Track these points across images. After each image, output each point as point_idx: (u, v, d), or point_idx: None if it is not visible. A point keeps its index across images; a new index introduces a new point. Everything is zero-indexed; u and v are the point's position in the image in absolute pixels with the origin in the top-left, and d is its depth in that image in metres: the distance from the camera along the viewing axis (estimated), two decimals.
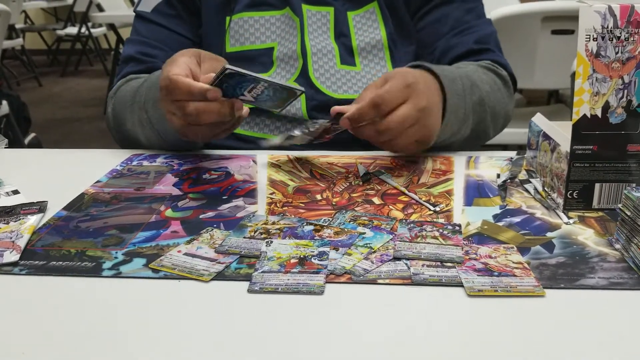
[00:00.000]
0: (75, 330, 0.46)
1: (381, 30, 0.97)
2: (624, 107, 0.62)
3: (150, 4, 1.01)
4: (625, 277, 0.52)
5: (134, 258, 0.56)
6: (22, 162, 0.86)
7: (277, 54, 0.97)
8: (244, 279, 0.52)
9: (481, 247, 0.57)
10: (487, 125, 0.88)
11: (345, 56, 0.96)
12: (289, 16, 0.97)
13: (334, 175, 0.76)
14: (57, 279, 0.53)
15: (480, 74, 0.88)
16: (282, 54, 0.96)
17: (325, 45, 0.96)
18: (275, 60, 0.97)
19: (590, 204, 0.65)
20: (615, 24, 0.60)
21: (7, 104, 2.73)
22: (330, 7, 0.97)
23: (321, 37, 0.96)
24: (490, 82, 0.89)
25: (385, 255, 0.56)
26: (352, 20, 0.97)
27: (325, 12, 0.97)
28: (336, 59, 0.96)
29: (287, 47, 0.96)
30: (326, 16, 0.97)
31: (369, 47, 0.97)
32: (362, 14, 0.97)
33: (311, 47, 0.95)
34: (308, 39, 0.95)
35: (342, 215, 0.64)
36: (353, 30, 0.97)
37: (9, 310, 0.49)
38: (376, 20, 0.97)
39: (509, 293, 0.49)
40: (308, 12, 0.96)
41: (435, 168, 0.79)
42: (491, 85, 0.88)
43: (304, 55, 0.95)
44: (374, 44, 0.97)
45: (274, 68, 0.96)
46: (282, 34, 0.97)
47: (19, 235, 0.60)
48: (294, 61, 0.96)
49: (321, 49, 0.95)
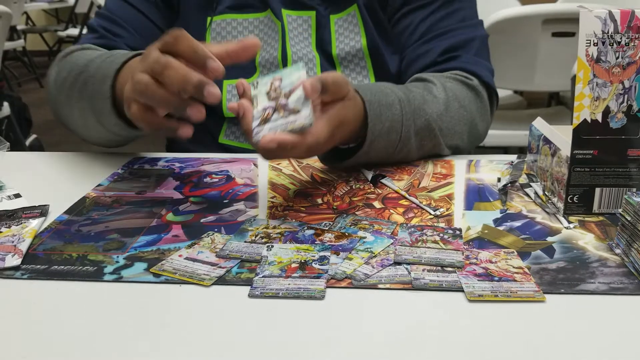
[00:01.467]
0: (77, 335, 0.46)
1: (362, 37, 0.94)
2: (625, 112, 0.62)
3: None
4: (626, 282, 0.52)
5: (135, 262, 0.56)
6: (23, 165, 0.86)
7: (259, 59, 0.95)
8: (245, 283, 0.52)
9: (482, 251, 0.57)
10: (438, 147, 0.83)
11: (326, 65, 0.94)
12: (270, 19, 0.95)
13: (335, 179, 0.76)
14: (59, 283, 0.53)
15: (438, 92, 0.83)
16: (264, 59, 0.95)
17: (306, 54, 0.94)
18: (257, 65, 0.95)
19: (591, 208, 0.65)
20: (616, 29, 0.60)
21: (9, 105, 2.73)
22: (312, 11, 0.95)
23: (302, 43, 0.95)
24: (444, 101, 0.82)
25: (385, 259, 0.56)
26: (334, 25, 0.94)
27: (307, 17, 0.95)
28: (317, 69, 0.94)
29: (269, 52, 0.95)
30: (307, 21, 0.95)
31: (350, 56, 0.95)
32: (345, 18, 0.95)
33: (292, 55, 0.93)
34: (289, 45, 0.94)
35: (342, 219, 0.65)
36: (334, 36, 0.94)
37: (11, 314, 0.49)
38: (357, 24, 0.95)
39: (509, 298, 0.49)
40: (288, 17, 0.95)
41: (436, 172, 0.79)
42: (446, 104, 0.82)
43: (284, 63, 0.94)
44: (355, 53, 0.95)
45: (257, 74, 0.95)
46: (264, 38, 0.96)
47: (21, 239, 0.60)
48: (275, 68, 0.94)
49: (302, 57, 0.94)
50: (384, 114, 0.75)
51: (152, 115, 0.64)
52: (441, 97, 0.83)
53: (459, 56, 0.91)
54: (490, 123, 0.94)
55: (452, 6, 0.94)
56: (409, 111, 0.78)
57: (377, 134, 0.75)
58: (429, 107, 0.80)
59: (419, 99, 0.80)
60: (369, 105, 0.73)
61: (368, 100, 0.74)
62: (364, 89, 0.75)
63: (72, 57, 0.87)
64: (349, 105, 0.68)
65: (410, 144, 0.79)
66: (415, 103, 0.79)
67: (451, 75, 0.89)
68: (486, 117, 0.91)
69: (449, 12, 0.93)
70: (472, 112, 0.87)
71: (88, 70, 0.79)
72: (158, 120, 0.64)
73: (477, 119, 0.88)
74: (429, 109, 0.80)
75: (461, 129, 0.85)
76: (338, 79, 0.65)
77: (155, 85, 0.60)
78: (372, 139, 0.74)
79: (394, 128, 0.76)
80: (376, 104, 0.75)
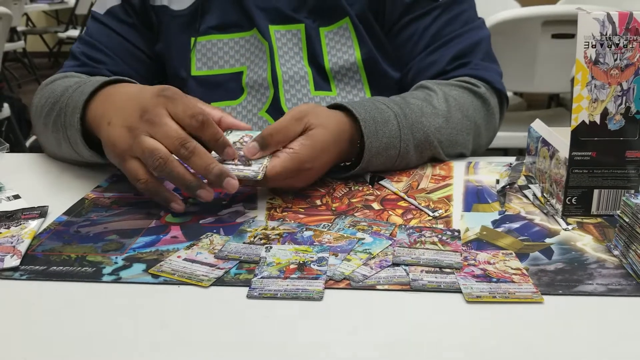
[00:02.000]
0: (76, 335, 0.46)
1: (356, 50, 0.92)
2: (623, 113, 0.62)
3: (105, 5, 0.95)
4: (624, 284, 0.52)
5: (134, 263, 0.56)
6: (22, 166, 0.86)
7: (246, 80, 0.93)
8: (243, 284, 0.52)
9: (480, 253, 0.57)
10: (439, 156, 0.82)
11: (319, 81, 0.92)
12: (257, 38, 0.93)
13: (334, 181, 0.76)
14: (58, 284, 0.53)
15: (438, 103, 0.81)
16: (252, 81, 0.93)
17: (298, 71, 0.92)
18: (245, 86, 0.93)
19: (589, 210, 0.65)
20: (614, 31, 0.60)
21: (9, 107, 2.73)
22: (300, 24, 0.92)
23: (293, 60, 0.92)
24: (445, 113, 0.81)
25: (384, 260, 0.56)
26: (324, 38, 0.92)
27: (296, 31, 0.92)
28: (310, 85, 0.92)
29: (257, 73, 0.93)
30: (297, 35, 0.92)
31: (344, 70, 0.92)
32: (336, 31, 0.92)
33: (283, 74, 0.91)
34: (279, 64, 0.91)
35: (341, 220, 0.65)
36: (326, 49, 0.92)
37: (10, 315, 0.49)
38: (350, 38, 0.92)
39: (507, 299, 0.49)
40: (276, 33, 0.92)
41: (435, 173, 0.79)
42: (447, 115, 0.81)
43: (274, 83, 0.91)
44: (349, 67, 0.92)
45: (244, 95, 0.93)
46: (251, 57, 0.93)
47: (20, 240, 0.60)
48: (264, 89, 0.92)
49: (293, 75, 0.91)
50: (380, 131, 0.75)
51: (153, 179, 0.65)
52: (441, 108, 0.82)
53: (469, 62, 0.90)
54: (497, 129, 0.94)
55: (454, 10, 0.92)
56: (406, 126, 0.77)
57: (374, 152, 0.74)
58: (427, 119, 0.79)
59: (417, 112, 0.79)
60: (364, 124, 0.73)
61: (362, 118, 0.74)
62: (358, 107, 0.75)
63: (53, 85, 0.85)
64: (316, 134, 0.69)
65: (410, 157, 0.79)
66: (413, 117, 0.78)
67: (457, 83, 0.87)
68: (492, 125, 0.90)
69: (451, 16, 0.91)
70: (476, 121, 0.86)
71: (62, 100, 0.77)
72: (157, 186, 0.66)
73: (482, 127, 0.87)
74: (427, 122, 0.79)
75: (464, 139, 0.84)
76: (276, 129, 0.68)
77: (176, 163, 0.63)
78: (369, 157, 0.74)
79: (392, 144, 0.76)
80: (371, 121, 0.74)
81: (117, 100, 0.69)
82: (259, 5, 0.92)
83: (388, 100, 0.80)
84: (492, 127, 0.91)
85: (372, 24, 0.92)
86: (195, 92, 0.94)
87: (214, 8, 0.94)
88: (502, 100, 0.93)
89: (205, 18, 0.94)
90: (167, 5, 0.95)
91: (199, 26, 0.94)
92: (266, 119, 0.93)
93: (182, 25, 0.94)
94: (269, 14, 0.92)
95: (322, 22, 0.93)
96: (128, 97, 0.68)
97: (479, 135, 0.87)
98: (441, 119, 0.81)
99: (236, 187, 0.64)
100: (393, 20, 0.93)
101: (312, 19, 0.93)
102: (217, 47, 0.94)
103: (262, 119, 0.93)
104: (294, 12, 0.92)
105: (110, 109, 0.69)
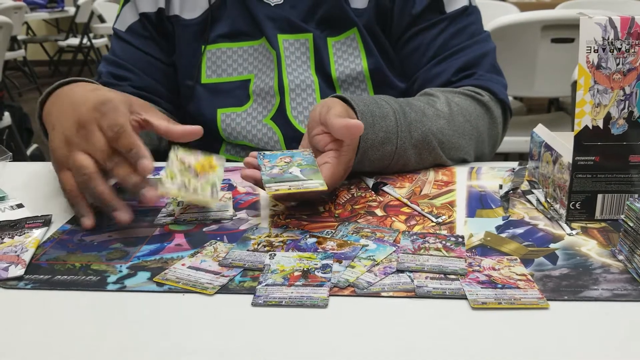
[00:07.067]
0: (81, 344, 0.46)
1: (362, 60, 0.93)
2: (626, 118, 0.62)
3: (126, 22, 0.99)
4: (629, 289, 0.52)
5: (139, 272, 0.56)
6: (26, 175, 0.86)
7: (253, 88, 0.94)
8: (248, 292, 0.52)
9: (484, 259, 0.57)
10: (440, 160, 0.82)
11: (326, 89, 0.93)
12: (265, 47, 0.94)
13: (337, 187, 0.76)
14: (62, 293, 0.53)
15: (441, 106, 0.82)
16: (259, 89, 0.94)
17: (304, 79, 0.93)
18: (251, 94, 0.94)
19: (593, 214, 0.65)
20: (616, 35, 0.60)
21: (10, 115, 2.74)
22: (309, 34, 0.93)
23: (300, 68, 0.93)
24: (447, 115, 0.82)
25: (388, 267, 0.56)
26: (332, 48, 0.93)
27: (304, 40, 0.93)
28: (316, 94, 0.93)
29: (264, 81, 0.94)
30: (305, 44, 0.94)
31: (350, 79, 0.93)
32: (343, 41, 0.93)
33: (289, 83, 0.92)
34: (286, 73, 0.92)
35: (344, 227, 0.65)
36: (333, 59, 0.93)
37: (14, 325, 0.49)
38: (357, 48, 0.93)
39: (512, 305, 0.49)
40: (285, 42, 0.93)
41: (438, 179, 0.79)
42: (449, 118, 0.82)
43: (281, 91, 0.93)
44: (355, 76, 0.93)
45: (250, 102, 0.94)
46: (258, 66, 0.95)
47: (24, 249, 0.60)
48: (270, 97, 0.94)
49: (300, 84, 0.93)
50: (377, 125, 0.75)
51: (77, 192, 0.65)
52: (443, 110, 0.82)
53: (474, 74, 0.91)
54: (500, 140, 0.93)
55: (461, 22, 0.92)
56: (405, 123, 0.77)
57: (370, 144, 0.75)
58: (428, 120, 0.80)
59: (418, 112, 0.80)
60: (361, 115, 0.74)
61: (360, 110, 0.74)
62: (357, 101, 0.76)
63: None
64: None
65: (407, 156, 0.79)
66: (412, 116, 0.79)
67: (460, 91, 0.88)
68: (495, 134, 0.90)
69: (458, 28, 0.92)
70: (478, 128, 0.86)
71: None
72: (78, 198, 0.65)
73: (484, 134, 0.87)
74: (428, 122, 0.80)
75: (466, 143, 0.84)
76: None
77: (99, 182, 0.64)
78: (365, 149, 0.75)
79: (388, 139, 0.76)
80: (369, 114, 0.75)
81: (62, 103, 0.71)
82: (269, 14, 0.94)
83: (389, 99, 0.81)
84: (494, 136, 0.91)
85: (379, 35, 0.93)
86: (204, 99, 0.96)
87: (224, 17, 0.95)
88: (505, 111, 0.93)
89: (215, 27, 0.96)
90: (179, 14, 0.97)
91: (209, 35, 0.95)
92: (271, 126, 0.94)
93: (193, 34, 0.96)
94: (279, 24, 0.94)
95: (330, 32, 0.94)
96: (70, 103, 0.69)
97: (482, 142, 0.87)
98: (442, 121, 0.81)
99: (153, 200, 0.63)
100: (400, 32, 0.94)
101: (321, 29, 0.94)
102: (226, 55, 0.96)
103: (267, 126, 0.94)
104: (303, 22, 0.94)
105: (54, 112, 0.71)
